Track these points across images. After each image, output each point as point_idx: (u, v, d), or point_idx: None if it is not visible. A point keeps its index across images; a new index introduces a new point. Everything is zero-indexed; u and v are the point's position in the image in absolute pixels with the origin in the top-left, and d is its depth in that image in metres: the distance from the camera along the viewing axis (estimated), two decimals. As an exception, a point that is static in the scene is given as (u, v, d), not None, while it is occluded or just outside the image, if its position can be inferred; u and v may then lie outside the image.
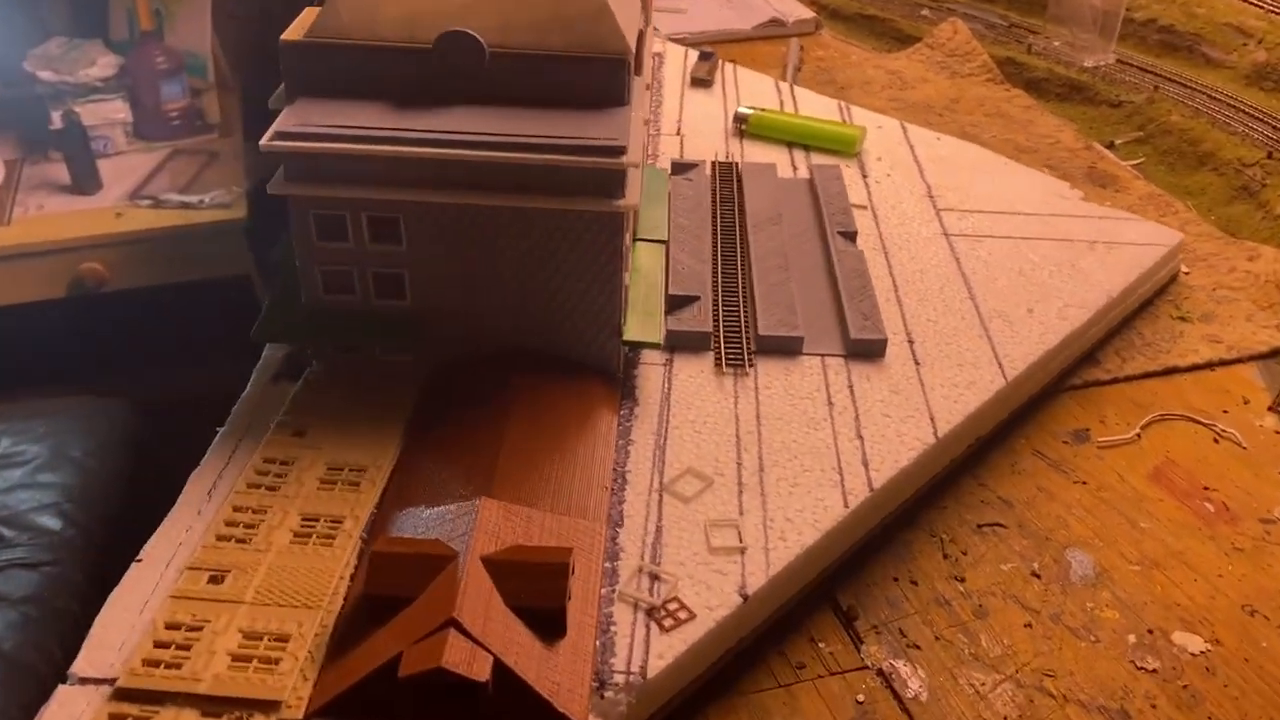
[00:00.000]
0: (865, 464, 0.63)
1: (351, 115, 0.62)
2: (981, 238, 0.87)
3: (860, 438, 0.65)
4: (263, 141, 0.60)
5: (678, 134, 1.02)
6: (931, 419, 0.67)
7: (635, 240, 0.77)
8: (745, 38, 1.37)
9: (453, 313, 0.66)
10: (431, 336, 0.67)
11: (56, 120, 1.32)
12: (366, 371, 0.67)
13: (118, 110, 1.43)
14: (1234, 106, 1.10)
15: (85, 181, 1.32)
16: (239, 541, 0.55)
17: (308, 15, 0.65)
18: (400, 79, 0.63)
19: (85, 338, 1.31)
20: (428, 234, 0.63)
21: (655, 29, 1.31)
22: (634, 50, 0.65)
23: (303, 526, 0.56)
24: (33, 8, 1.46)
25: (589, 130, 0.61)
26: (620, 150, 0.60)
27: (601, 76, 0.64)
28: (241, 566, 0.53)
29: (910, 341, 0.74)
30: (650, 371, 0.70)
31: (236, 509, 0.57)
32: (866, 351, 0.72)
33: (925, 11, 1.39)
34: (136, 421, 0.99)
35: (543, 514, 0.55)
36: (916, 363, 0.72)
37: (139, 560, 0.55)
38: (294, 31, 0.64)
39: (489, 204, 0.62)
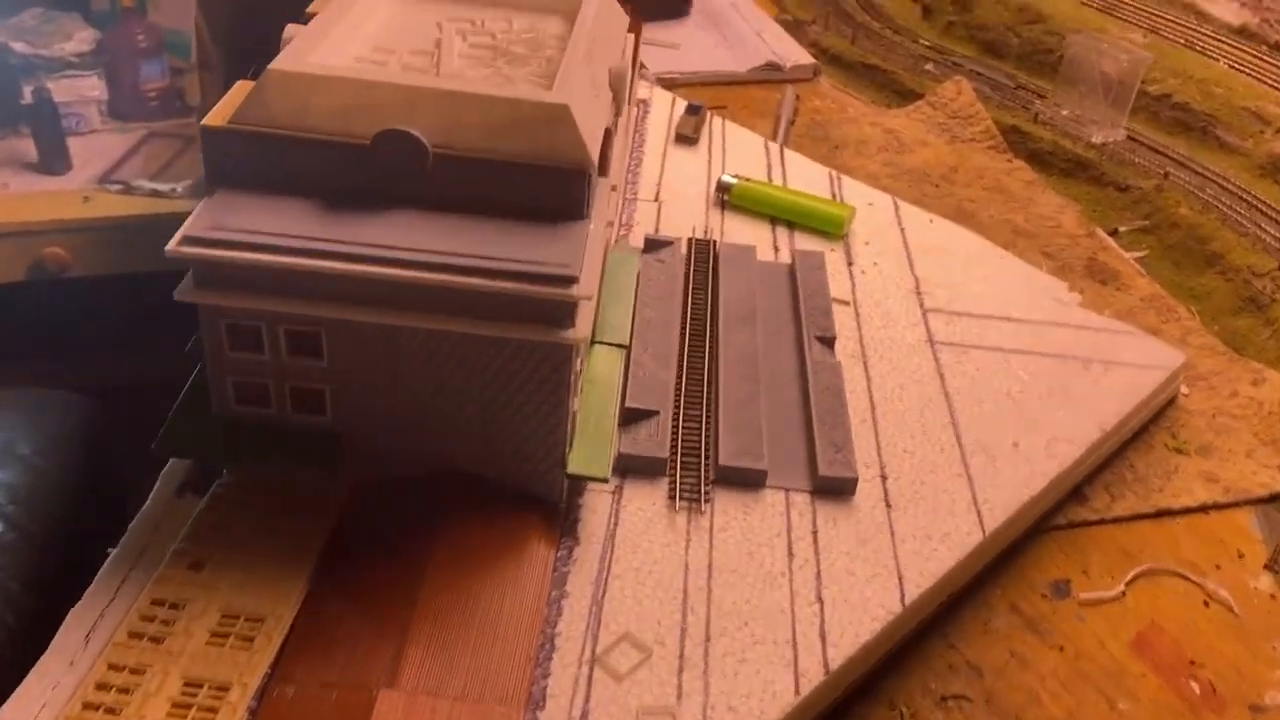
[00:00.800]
0: (823, 636, 0.57)
1: (274, 217, 0.55)
2: (969, 348, 0.80)
3: (820, 600, 0.59)
4: (170, 246, 0.53)
5: (656, 200, 0.96)
6: (900, 579, 0.61)
7: (594, 343, 0.71)
8: (739, 80, 1.30)
9: (378, 432, 0.60)
10: (355, 454, 0.61)
11: (28, 95, 1.25)
12: (282, 487, 0.61)
13: (93, 87, 1.36)
14: (1247, 202, 1.04)
15: (53, 160, 1.25)
16: (108, 712, 0.49)
17: (236, 94, 0.59)
18: (333, 177, 0.57)
19: (44, 323, 1.24)
20: (351, 350, 0.57)
21: (644, 67, 1.25)
22: (598, 157, 0.58)
23: (183, 695, 0.50)
24: (11, -23, 1.39)
25: (538, 251, 0.55)
26: (570, 280, 0.54)
27: (558, 189, 0.57)
28: (105, 749, 0.47)
29: (884, 477, 0.68)
30: (597, 501, 0.64)
31: (112, 666, 0.51)
32: (836, 489, 0.66)
33: (929, 66, 1.32)
34: (90, 414, 0.92)
35: (451, 704, 0.49)
36: (888, 505, 0.66)
37: (-8, 726, 0.49)
38: (217, 115, 0.57)
39: (420, 326, 0.56)
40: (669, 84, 1.27)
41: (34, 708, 0.50)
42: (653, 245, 0.86)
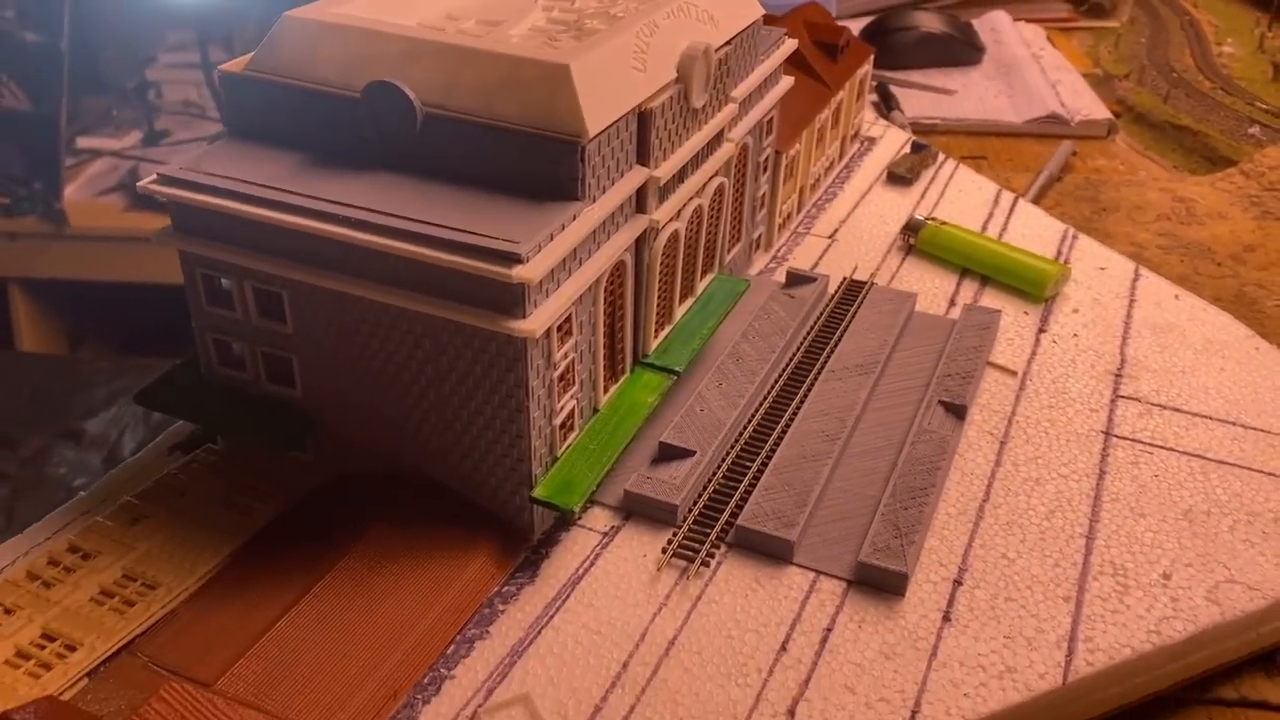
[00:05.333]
0: (768, 759, 0.43)
1: (256, 167, 0.52)
2: (1156, 448, 0.62)
3: (791, 716, 0.45)
4: (141, 184, 0.51)
5: (830, 238, 0.84)
6: (912, 716, 0.46)
7: (639, 365, 0.61)
8: (1012, 132, 1.14)
9: (348, 417, 0.54)
10: (330, 440, 0.56)
11: None
12: (264, 464, 0.57)
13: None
14: None
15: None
16: (-47, 646, 0.46)
17: (268, 46, 0.56)
18: (329, 133, 0.53)
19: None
20: (312, 317, 0.52)
21: (895, 110, 1.13)
22: (603, 130, 0.50)
23: (33, 645, 0.46)
24: None
25: (499, 226, 0.47)
26: (512, 258, 0.46)
27: (548, 160, 0.49)
28: (-70, 683, 0.44)
29: (957, 583, 0.52)
30: (579, 540, 0.54)
31: (-12, 603, 0.48)
32: (879, 583, 0.51)
33: (1254, 130, 1.09)
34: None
35: (241, 709, 0.42)
36: (946, 619, 0.50)
37: None
38: (240, 61, 0.55)
39: (367, 296, 0.49)
40: (926, 130, 1.13)
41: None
42: (794, 280, 0.75)
